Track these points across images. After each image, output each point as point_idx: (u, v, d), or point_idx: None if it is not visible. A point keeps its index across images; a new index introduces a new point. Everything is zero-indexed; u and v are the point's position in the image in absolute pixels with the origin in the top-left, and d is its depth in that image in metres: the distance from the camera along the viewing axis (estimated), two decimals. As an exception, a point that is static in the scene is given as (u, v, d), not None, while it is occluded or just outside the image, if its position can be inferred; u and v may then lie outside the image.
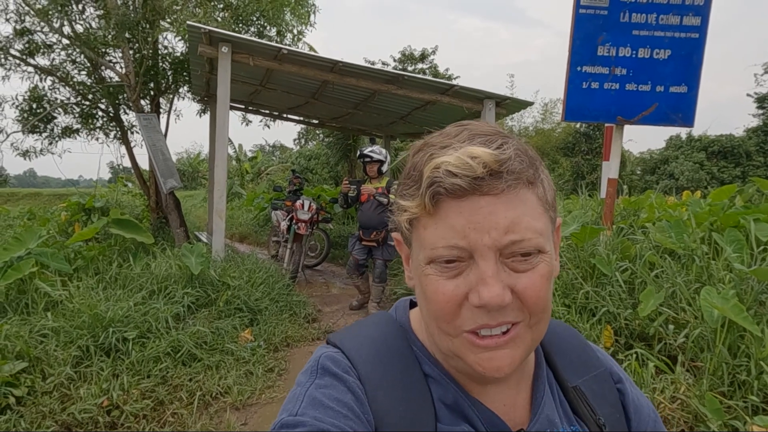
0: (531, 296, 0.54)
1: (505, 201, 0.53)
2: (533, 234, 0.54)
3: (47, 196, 27.32)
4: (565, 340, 0.74)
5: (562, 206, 6.34)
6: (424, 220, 0.56)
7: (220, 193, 5.17)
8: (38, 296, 3.69)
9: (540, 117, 23.18)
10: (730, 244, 3.43)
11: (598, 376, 0.70)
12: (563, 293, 3.84)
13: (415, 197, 0.56)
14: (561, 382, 0.69)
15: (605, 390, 0.70)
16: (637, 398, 0.71)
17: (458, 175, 0.52)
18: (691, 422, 2.60)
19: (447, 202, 0.54)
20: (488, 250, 0.53)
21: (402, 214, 0.58)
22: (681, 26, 4.14)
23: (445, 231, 0.54)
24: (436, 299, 0.55)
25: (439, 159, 0.54)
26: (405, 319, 0.71)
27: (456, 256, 0.54)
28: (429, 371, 0.64)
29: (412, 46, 22.14)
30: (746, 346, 2.74)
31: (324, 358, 0.63)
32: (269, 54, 5.36)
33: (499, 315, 0.54)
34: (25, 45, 7.49)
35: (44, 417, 2.71)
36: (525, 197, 0.55)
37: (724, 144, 19.31)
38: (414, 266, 0.61)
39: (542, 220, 0.56)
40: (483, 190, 0.53)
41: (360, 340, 0.66)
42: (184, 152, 29.74)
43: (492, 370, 0.55)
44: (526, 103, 6.66)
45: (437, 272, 0.55)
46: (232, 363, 3.57)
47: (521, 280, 0.54)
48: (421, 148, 0.58)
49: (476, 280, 0.53)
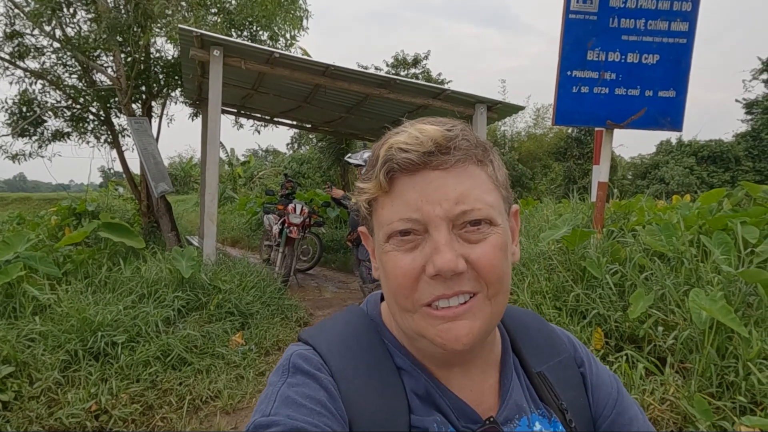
0: (485, 265, 0.56)
1: (455, 175, 0.56)
2: (483, 205, 0.57)
3: (37, 201, 27.06)
4: (530, 327, 0.76)
5: (554, 210, 6.37)
6: (382, 199, 0.59)
7: (212, 196, 5.15)
8: (26, 300, 3.64)
9: (532, 122, 23.35)
10: (718, 246, 3.47)
11: (562, 361, 0.73)
12: (554, 296, 3.85)
13: (371, 179, 0.59)
14: (527, 368, 0.71)
15: (569, 375, 0.72)
16: (596, 378, 0.73)
17: (409, 151, 0.55)
18: (680, 423, 2.61)
19: (401, 179, 0.57)
20: (440, 221, 0.55)
21: (361, 196, 0.61)
22: (669, 32, 4.20)
23: (400, 206, 0.57)
24: (395, 274, 0.57)
25: (392, 139, 0.58)
26: (376, 312, 0.72)
27: (411, 228, 0.56)
28: (401, 363, 0.65)
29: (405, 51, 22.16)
30: (734, 347, 2.77)
31: (295, 356, 0.63)
32: (261, 58, 5.36)
33: (455, 284, 0.56)
34: (15, 48, 7.44)
35: (31, 422, 2.68)
36: (474, 173, 0.58)
37: (713, 149, 19.52)
38: (377, 250, 0.63)
39: (493, 195, 0.59)
40: (433, 165, 0.56)
41: (331, 335, 0.67)
42: (177, 156, 29.60)
43: (451, 340, 0.56)
44: (518, 107, 6.71)
45: (395, 247, 0.58)
46: (223, 367, 3.55)
47: (474, 250, 0.56)
48: (382, 139, 0.62)
49: (431, 250, 0.55)
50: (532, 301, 3.84)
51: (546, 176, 21.65)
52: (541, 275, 4.07)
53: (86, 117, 8.51)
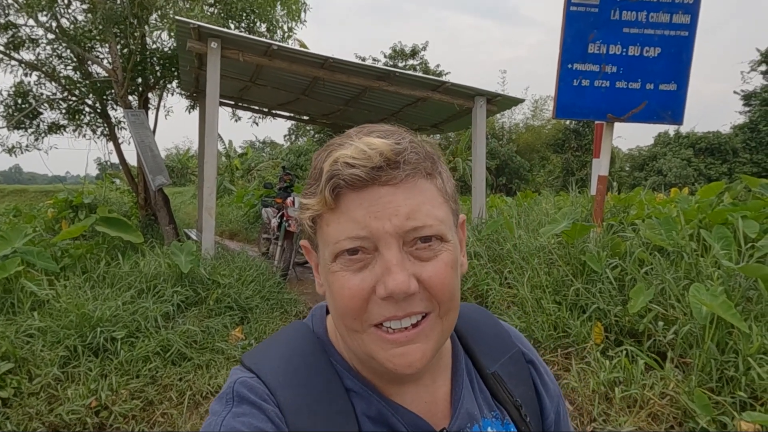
0: (436, 284, 0.54)
1: (404, 190, 0.54)
2: (434, 221, 0.55)
3: (33, 193, 26.95)
4: (479, 323, 0.75)
5: (553, 203, 6.37)
6: (327, 216, 0.56)
7: (210, 190, 5.12)
8: (24, 296, 3.63)
9: (530, 114, 23.33)
10: (718, 241, 3.47)
11: (512, 357, 0.73)
12: (554, 290, 3.86)
13: (316, 194, 0.55)
14: (480, 368, 0.70)
15: (518, 369, 0.72)
16: (546, 375, 0.75)
17: (356, 166, 0.52)
18: (680, 418, 2.62)
19: (347, 195, 0.54)
20: (390, 238, 0.53)
21: (305, 213, 0.58)
22: (671, 24, 4.16)
23: (346, 224, 0.54)
24: (342, 294, 0.55)
25: (337, 153, 0.54)
26: (322, 329, 0.69)
27: (359, 246, 0.54)
28: (350, 385, 0.62)
29: (402, 42, 22.03)
30: (734, 342, 2.77)
31: (239, 385, 0.60)
32: (259, 50, 5.31)
33: (407, 305, 0.54)
34: (9, 39, 7.36)
35: (31, 419, 2.67)
36: (424, 187, 0.55)
37: (711, 141, 19.55)
38: (322, 268, 0.60)
39: (443, 210, 0.57)
40: (382, 180, 0.53)
41: (276, 361, 0.63)
42: (174, 148, 29.52)
43: (404, 366, 0.55)
44: (517, 100, 6.68)
45: (343, 267, 0.55)
46: (223, 362, 3.54)
47: (426, 269, 0.54)
48: (323, 149, 0.58)
49: (382, 270, 0.53)
50: (532, 296, 3.84)
51: (544, 168, 21.67)
52: (541, 269, 4.07)
53: (82, 109, 8.45)
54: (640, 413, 2.68)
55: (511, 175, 20.16)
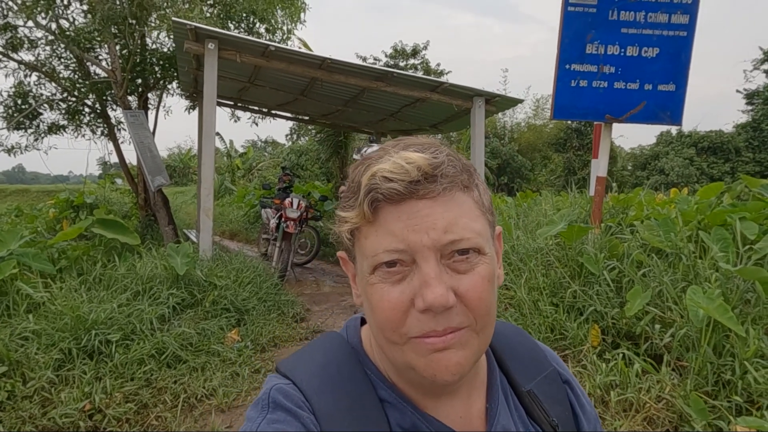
0: (474, 298, 0.55)
1: (441, 203, 0.54)
2: (471, 234, 0.55)
3: (36, 193, 27.01)
4: (515, 342, 0.75)
5: (552, 204, 6.34)
6: (365, 229, 0.57)
7: (207, 191, 5.12)
8: (20, 298, 3.62)
9: (532, 113, 23.28)
10: (717, 242, 3.44)
11: (548, 376, 0.72)
12: (551, 292, 3.84)
13: (354, 207, 0.56)
14: (515, 386, 0.70)
15: (554, 389, 0.72)
16: (583, 397, 0.75)
17: (394, 180, 0.53)
18: (676, 422, 2.60)
19: (385, 209, 0.55)
20: (428, 251, 0.53)
21: (343, 226, 0.59)
22: (669, 24, 4.13)
23: (384, 237, 0.55)
24: (381, 307, 0.55)
25: (375, 167, 0.55)
26: (356, 339, 0.70)
27: (397, 258, 0.54)
28: (384, 396, 0.63)
29: (403, 41, 22.00)
30: (731, 346, 2.75)
31: (275, 391, 0.61)
32: (257, 51, 5.30)
33: (445, 320, 0.54)
34: (8, 40, 7.36)
35: (24, 422, 2.66)
36: (461, 200, 0.56)
37: (713, 140, 19.46)
38: (359, 279, 0.61)
39: (480, 222, 0.57)
40: (420, 194, 0.54)
41: (311, 368, 0.64)
42: (176, 147, 29.52)
43: (442, 370, 0.55)
44: (516, 100, 6.66)
45: (381, 279, 0.55)
46: (218, 364, 3.53)
47: (463, 282, 0.54)
48: (361, 163, 0.59)
49: (420, 283, 0.53)
50: (528, 297, 3.82)
51: (546, 167, 21.61)
52: (539, 271, 4.05)
53: (82, 110, 8.45)
54: (636, 417, 2.66)
55: (512, 175, 20.11)
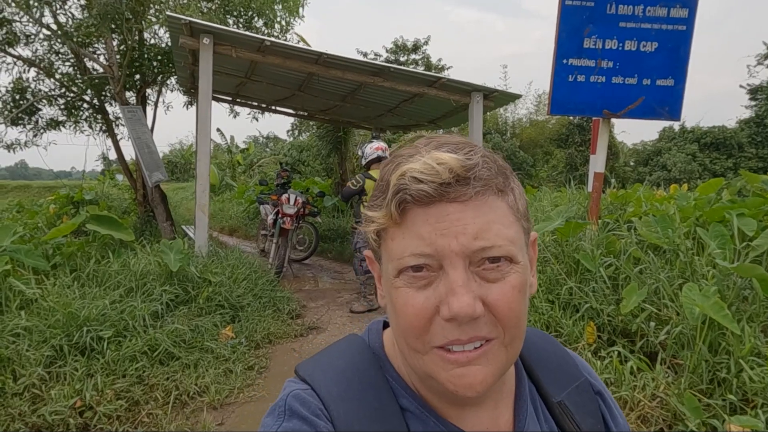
0: (503, 308, 0.52)
1: (473, 208, 0.52)
2: (504, 241, 0.52)
3: (37, 188, 27.07)
4: (544, 350, 0.72)
5: (551, 200, 6.30)
6: (392, 230, 0.54)
7: (203, 187, 5.09)
8: (12, 294, 3.61)
9: (534, 108, 23.18)
10: (715, 239, 3.40)
11: (579, 386, 0.69)
12: (547, 289, 3.81)
13: (382, 207, 0.54)
14: (545, 396, 0.67)
15: (586, 400, 0.68)
16: (615, 409, 0.71)
17: (424, 181, 0.51)
18: (670, 420, 2.58)
19: (414, 211, 0.52)
20: (456, 257, 0.51)
21: (369, 226, 0.57)
22: (668, 18, 4.08)
23: (412, 240, 0.52)
24: (405, 312, 0.53)
25: (405, 166, 0.52)
26: (378, 344, 0.67)
27: (424, 263, 0.52)
28: (406, 404, 0.60)
29: (404, 36, 21.88)
30: (727, 344, 2.72)
31: (291, 398, 0.59)
32: (252, 46, 5.26)
33: (471, 329, 0.51)
34: (5, 36, 7.33)
35: (13, 419, 2.65)
36: (494, 204, 0.53)
37: (716, 135, 19.34)
38: (384, 281, 0.58)
39: (513, 229, 0.54)
40: (450, 197, 0.51)
41: (332, 373, 0.62)
42: (178, 143, 29.48)
43: (464, 387, 0.52)
44: (514, 96, 6.61)
45: (406, 283, 0.53)
46: (211, 361, 3.51)
47: (492, 291, 0.51)
48: (391, 160, 0.57)
49: (446, 291, 0.51)
50: (524, 295, 3.79)
51: (548, 163, 21.52)
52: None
53: (80, 105, 8.43)
54: (630, 415, 2.64)
55: (514, 170, 20.02)
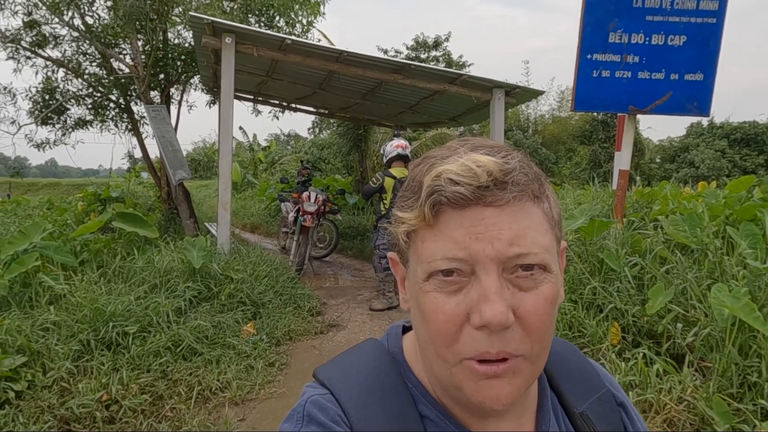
0: (534, 322, 0.50)
1: (509, 213, 0.50)
2: (539, 249, 0.51)
3: (66, 186, 27.81)
4: (566, 360, 0.70)
5: (574, 198, 6.20)
6: (423, 232, 0.53)
7: (225, 185, 5.15)
8: (42, 290, 3.71)
9: (556, 104, 22.83)
10: (745, 238, 3.30)
11: (601, 397, 0.68)
12: (570, 288, 3.75)
13: (414, 208, 0.53)
14: (566, 407, 0.66)
15: (608, 411, 0.67)
16: (638, 421, 0.70)
17: (461, 183, 0.49)
18: (697, 425, 2.51)
19: (447, 213, 0.51)
20: (491, 263, 0.49)
21: (399, 227, 0.55)
22: (697, 11, 3.97)
23: (444, 243, 0.51)
24: (435, 318, 0.51)
25: (440, 167, 0.51)
26: (397, 348, 0.65)
27: (455, 267, 0.50)
28: (425, 412, 0.59)
29: (425, 33, 21.80)
30: (758, 347, 2.63)
31: (310, 404, 0.58)
32: (273, 44, 5.29)
33: (500, 341, 0.50)
34: (34, 37, 7.53)
35: (43, 412, 2.72)
36: (531, 211, 0.52)
37: (747, 131, 18.77)
38: (411, 284, 0.57)
39: (548, 237, 0.53)
40: (486, 201, 0.50)
41: (351, 378, 0.61)
42: (201, 141, 29.92)
43: (491, 399, 0.51)
44: (537, 92, 6.52)
45: (436, 288, 0.51)
46: (233, 357, 3.56)
47: (525, 301, 0.50)
48: (423, 160, 0.56)
49: (478, 297, 0.49)
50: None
51: (570, 160, 21.19)
52: (557, 267, 3.95)
53: (107, 105, 8.61)
54: (656, 419, 2.58)
55: (535, 168, 19.76)
